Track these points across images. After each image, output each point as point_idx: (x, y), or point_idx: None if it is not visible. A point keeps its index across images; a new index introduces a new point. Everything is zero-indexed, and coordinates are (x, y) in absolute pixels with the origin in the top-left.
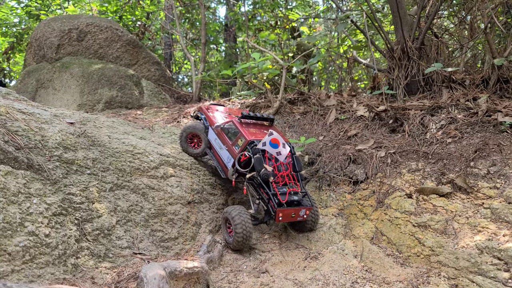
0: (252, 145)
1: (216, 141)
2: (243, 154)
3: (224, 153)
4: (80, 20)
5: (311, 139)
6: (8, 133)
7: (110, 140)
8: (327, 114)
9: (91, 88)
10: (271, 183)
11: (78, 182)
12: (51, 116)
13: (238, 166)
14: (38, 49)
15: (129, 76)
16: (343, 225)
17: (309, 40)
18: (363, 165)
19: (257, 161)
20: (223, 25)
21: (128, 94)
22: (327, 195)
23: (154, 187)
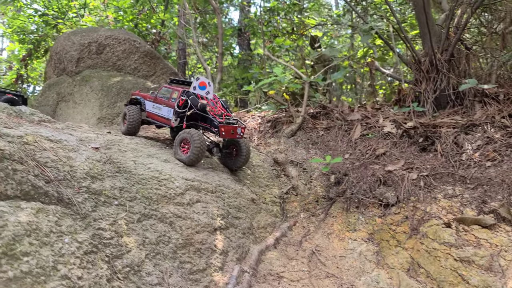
0: (185, 92)
1: (154, 106)
2: (180, 99)
3: (163, 110)
4: (99, 33)
5: (337, 158)
6: (38, 165)
7: (135, 166)
8: (352, 130)
9: (110, 102)
10: (208, 112)
11: (106, 215)
12: (77, 142)
13: (178, 109)
14: (58, 62)
15: (147, 88)
16: (375, 252)
17: (331, 53)
18: (394, 188)
19: (193, 100)
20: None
21: None
22: (355, 218)
23: (181, 215)
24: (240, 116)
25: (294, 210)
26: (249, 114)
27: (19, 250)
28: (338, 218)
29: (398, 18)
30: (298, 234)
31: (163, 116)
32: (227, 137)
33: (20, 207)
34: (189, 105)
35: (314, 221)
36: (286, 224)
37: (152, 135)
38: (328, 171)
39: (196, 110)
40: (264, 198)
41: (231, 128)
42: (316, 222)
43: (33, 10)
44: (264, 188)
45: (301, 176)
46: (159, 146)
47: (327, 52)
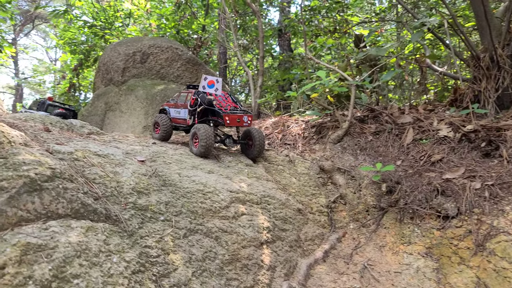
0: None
1: (175, 111)
2: (191, 99)
3: (182, 113)
4: (142, 43)
5: (389, 166)
6: (86, 182)
7: (180, 179)
8: (403, 134)
9: (155, 110)
10: (215, 105)
11: (153, 231)
12: (123, 156)
13: (190, 107)
14: (105, 72)
15: None
16: (434, 269)
17: (378, 53)
18: (454, 198)
19: (202, 97)
20: (277, 30)
21: None
22: (410, 230)
23: (226, 229)
24: (283, 121)
25: (342, 220)
26: (292, 118)
27: (69, 272)
28: (391, 230)
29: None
30: (348, 246)
31: (182, 118)
32: (233, 125)
33: (70, 226)
34: (199, 103)
35: (364, 232)
36: (335, 236)
37: None
38: (379, 179)
39: (204, 105)
40: (310, 208)
41: (236, 117)
42: (367, 233)
43: (82, 22)
44: (311, 197)
45: (350, 184)
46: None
47: (374, 52)
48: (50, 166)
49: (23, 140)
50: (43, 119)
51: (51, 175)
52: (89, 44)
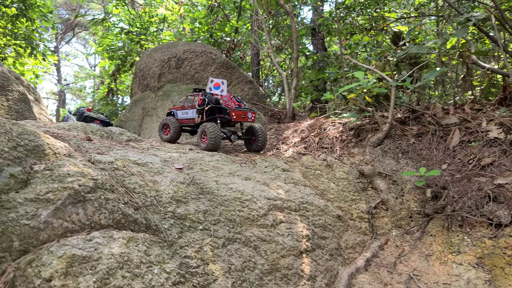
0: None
1: (182, 112)
2: (199, 99)
3: (190, 113)
4: (177, 48)
5: (434, 171)
6: (127, 192)
7: (218, 187)
8: (449, 136)
9: None
10: (221, 104)
11: (192, 241)
12: (162, 164)
13: (198, 107)
14: (142, 78)
15: None
16: (486, 281)
17: (419, 50)
18: (507, 205)
19: (209, 97)
20: (310, 29)
21: None
22: (459, 238)
23: (265, 238)
24: (320, 124)
25: (384, 227)
26: (328, 120)
27: (112, 284)
28: (438, 238)
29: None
30: (391, 254)
31: (190, 118)
32: (239, 120)
33: (112, 237)
34: (206, 102)
35: (408, 240)
36: (377, 243)
37: (229, 147)
38: (423, 184)
39: (212, 104)
40: (350, 214)
41: (242, 113)
42: (411, 241)
43: (119, 29)
44: (350, 203)
45: (391, 189)
46: (239, 162)
47: (415, 50)
48: (92, 177)
49: (67, 151)
50: (84, 127)
51: (94, 186)
52: (126, 50)
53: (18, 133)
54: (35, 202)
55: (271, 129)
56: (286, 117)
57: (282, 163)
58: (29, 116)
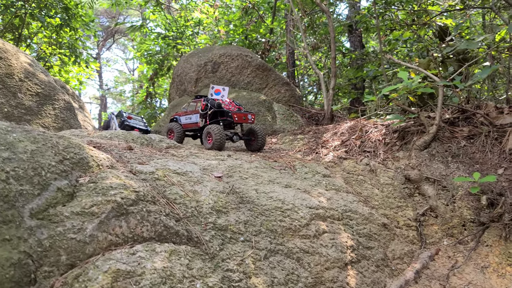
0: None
1: (186, 118)
2: (202, 104)
3: (193, 118)
4: (213, 52)
5: (489, 177)
6: (168, 203)
7: (258, 196)
8: (504, 138)
9: None
10: (223, 107)
11: (234, 253)
12: (201, 172)
13: (201, 111)
14: (179, 84)
15: (261, 102)
16: None
17: (469, 46)
18: None
19: (211, 102)
20: (347, 26)
21: (262, 120)
22: None
23: (308, 250)
24: (360, 125)
25: (434, 236)
26: (370, 121)
27: None
28: (495, 248)
29: None
30: (442, 265)
31: (193, 122)
32: (240, 121)
33: (155, 250)
34: (209, 107)
35: (462, 250)
36: (427, 253)
37: (268, 153)
38: (478, 191)
39: (214, 108)
40: (397, 222)
41: (242, 115)
42: (465, 251)
43: (156, 34)
44: (396, 210)
45: (441, 195)
46: (279, 168)
47: (464, 46)
48: (134, 189)
49: (109, 162)
50: (125, 136)
51: (136, 199)
52: (163, 54)
53: (64, 147)
54: (81, 215)
55: (309, 132)
56: (325, 119)
57: (322, 168)
58: (74, 124)
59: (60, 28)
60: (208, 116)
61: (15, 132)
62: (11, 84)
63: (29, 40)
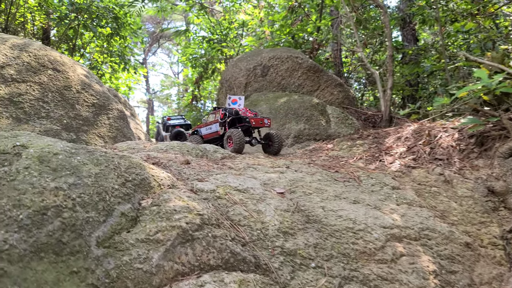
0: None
1: (206, 129)
2: (221, 114)
3: (213, 128)
4: (262, 56)
5: None
6: (232, 225)
7: (325, 214)
8: None
9: (279, 124)
10: (240, 114)
11: (306, 282)
12: (262, 188)
13: (221, 120)
14: (228, 89)
15: (314, 105)
16: None
17: None
18: None
19: (229, 110)
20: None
21: (315, 125)
22: None
23: (386, 277)
24: (427, 129)
25: None
26: (437, 124)
27: None
28: None
29: None
30: None
31: (214, 131)
32: (257, 126)
33: (223, 281)
34: (227, 115)
35: None
36: None
37: (327, 161)
38: None
39: (232, 116)
40: (480, 240)
41: (259, 120)
42: None
43: (201, 38)
44: (479, 227)
45: None
46: (342, 180)
47: None
48: (198, 212)
49: (170, 181)
50: (180, 147)
51: (201, 223)
52: (207, 57)
53: (126, 167)
54: (146, 243)
55: (369, 137)
56: (382, 121)
57: (390, 179)
58: (127, 132)
59: (111, 37)
60: (227, 124)
61: (79, 154)
62: (69, 96)
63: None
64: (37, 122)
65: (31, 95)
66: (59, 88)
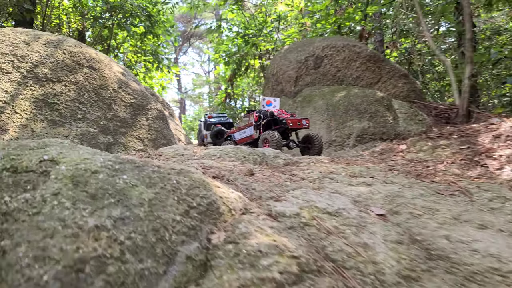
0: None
1: (239, 133)
2: (255, 116)
3: (247, 131)
4: (314, 45)
5: None
6: (335, 269)
7: (453, 247)
8: None
9: (338, 122)
10: (276, 116)
11: None
12: (356, 209)
13: (255, 123)
14: (275, 84)
15: (378, 100)
16: None
17: None
18: None
19: (264, 112)
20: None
21: (381, 122)
22: None
23: None
24: None
25: None
26: None
27: None
28: None
29: None
30: None
31: (248, 135)
32: (295, 127)
33: None
34: (262, 117)
35: None
36: None
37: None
38: None
39: (267, 118)
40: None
41: (297, 121)
42: None
43: (235, 33)
44: None
45: None
46: (446, 193)
47: None
48: (292, 254)
49: (242, 203)
50: (235, 152)
51: (298, 272)
52: (241, 54)
53: (187, 188)
54: None
55: (452, 135)
56: (458, 116)
57: (507, 191)
58: (167, 134)
59: (144, 36)
60: (262, 126)
61: (125, 171)
62: (106, 95)
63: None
64: (73, 124)
65: (66, 96)
66: (95, 88)
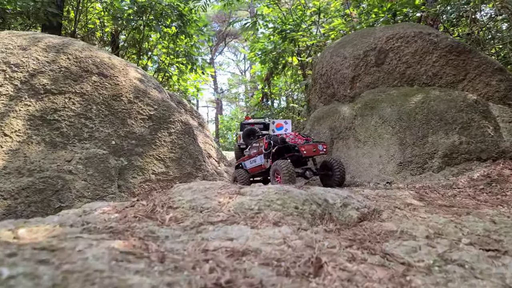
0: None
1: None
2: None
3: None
4: (375, 36)
5: None
6: None
7: None
8: None
9: (416, 136)
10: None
11: None
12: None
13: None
14: (325, 86)
15: (470, 105)
16: None
17: None
18: None
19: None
20: None
21: (477, 135)
22: None
23: None
24: None
25: None
26: None
27: None
28: None
29: None
30: None
31: (258, 165)
32: (310, 154)
33: None
34: (272, 144)
35: None
36: None
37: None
38: None
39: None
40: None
41: (312, 147)
42: None
43: (271, 29)
44: None
45: None
46: None
47: None
48: None
49: None
50: (283, 202)
51: None
52: (277, 51)
53: None
54: None
55: None
56: None
57: None
58: (194, 151)
59: (176, 36)
60: (272, 155)
61: None
62: (119, 108)
63: (150, 53)
64: (77, 146)
65: (70, 110)
66: (106, 99)
